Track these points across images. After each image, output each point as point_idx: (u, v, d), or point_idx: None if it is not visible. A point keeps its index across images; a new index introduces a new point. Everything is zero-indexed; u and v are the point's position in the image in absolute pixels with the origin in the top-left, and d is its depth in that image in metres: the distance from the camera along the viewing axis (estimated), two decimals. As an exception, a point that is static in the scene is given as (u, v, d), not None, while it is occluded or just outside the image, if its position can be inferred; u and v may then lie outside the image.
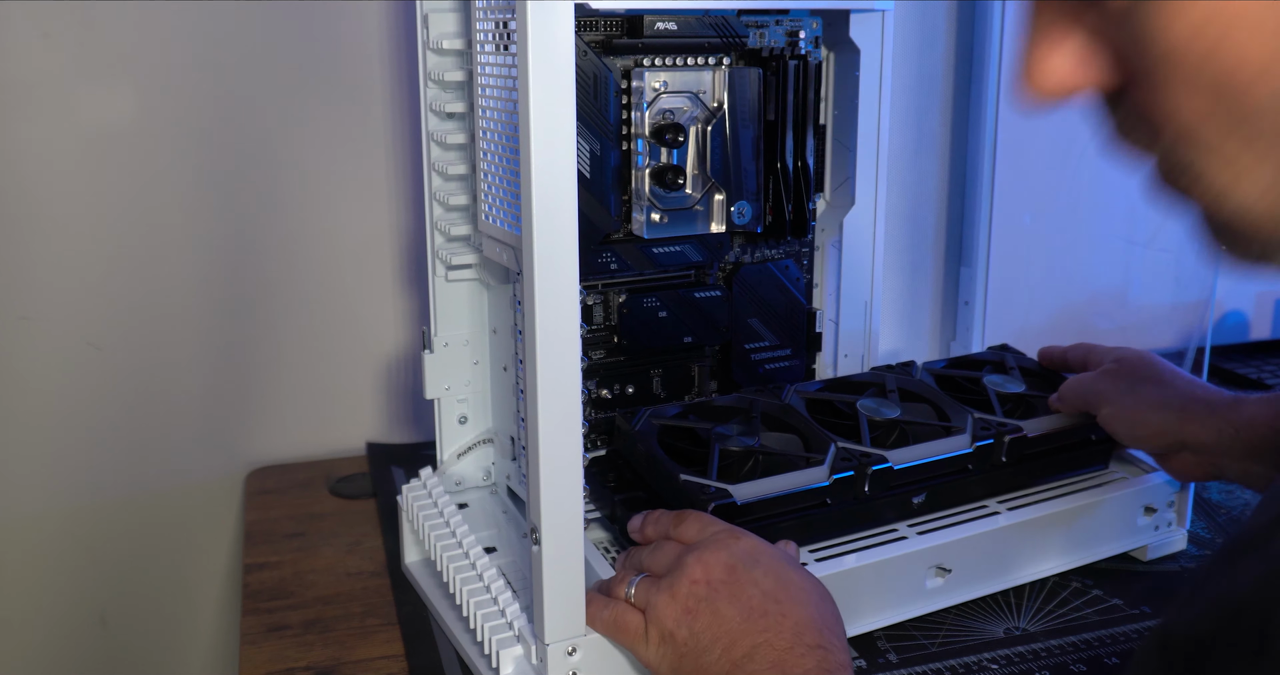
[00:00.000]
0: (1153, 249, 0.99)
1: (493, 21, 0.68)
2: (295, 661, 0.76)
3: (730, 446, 0.75)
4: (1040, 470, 0.83)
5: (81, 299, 1.03)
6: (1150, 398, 0.78)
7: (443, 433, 0.85)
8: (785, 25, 0.83)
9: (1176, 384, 0.78)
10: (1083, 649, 0.75)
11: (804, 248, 0.91)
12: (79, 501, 1.07)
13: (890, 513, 0.77)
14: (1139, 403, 0.78)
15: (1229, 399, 0.76)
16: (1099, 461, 0.86)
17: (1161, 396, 0.77)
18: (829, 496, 0.74)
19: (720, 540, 0.63)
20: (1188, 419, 0.76)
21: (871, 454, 0.75)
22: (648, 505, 0.73)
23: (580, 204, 0.60)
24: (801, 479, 0.73)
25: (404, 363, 1.14)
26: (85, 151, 1.00)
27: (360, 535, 0.93)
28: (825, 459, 0.74)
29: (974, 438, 0.79)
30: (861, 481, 0.74)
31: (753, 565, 0.61)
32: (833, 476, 0.73)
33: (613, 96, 0.76)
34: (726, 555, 0.62)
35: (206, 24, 1.00)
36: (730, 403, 0.82)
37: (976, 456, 0.79)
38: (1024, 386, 0.86)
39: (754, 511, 0.71)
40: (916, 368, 0.89)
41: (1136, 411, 0.78)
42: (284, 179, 1.06)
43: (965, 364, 0.91)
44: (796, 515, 0.73)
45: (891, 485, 0.76)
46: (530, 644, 0.66)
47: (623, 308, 0.83)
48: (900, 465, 0.76)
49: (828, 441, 0.76)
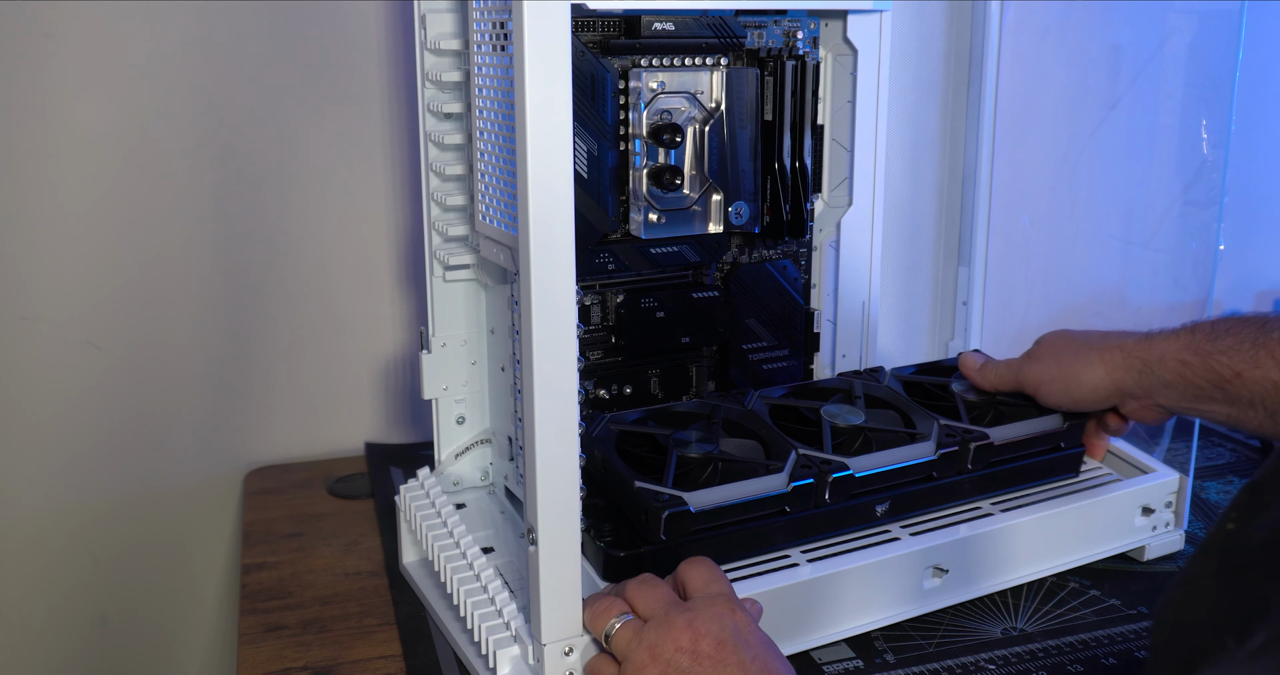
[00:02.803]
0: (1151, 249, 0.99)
1: (490, 22, 0.68)
2: (293, 661, 0.76)
3: (689, 453, 0.73)
4: (1007, 478, 0.81)
5: (81, 299, 1.03)
6: (1074, 360, 0.79)
7: (440, 433, 0.85)
8: (783, 26, 0.83)
9: (1092, 341, 0.80)
10: (1080, 649, 0.75)
11: (802, 248, 0.91)
12: (79, 501, 1.07)
13: (852, 521, 0.76)
14: (1065, 369, 0.79)
15: (1140, 338, 0.77)
16: (1069, 469, 0.84)
17: (1083, 356, 0.79)
18: (788, 504, 0.72)
19: (715, 611, 0.60)
20: (1110, 368, 0.77)
21: (833, 461, 0.74)
22: (605, 513, 0.72)
23: (577, 204, 0.60)
24: (760, 486, 0.71)
25: (402, 363, 1.14)
26: (85, 151, 1.00)
27: (358, 535, 0.94)
28: (785, 466, 0.73)
29: (939, 445, 0.77)
30: (822, 489, 0.73)
31: (743, 646, 0.58)
32: (792, 484, 0.72)
33: (610, 97, 0.76)
34: (718, 628, 0.59)
35: (206, 24, 1.00)
36: (692, 408, 0.81)
37: (941, 464, 0.77)
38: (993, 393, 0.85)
39: (710, 519, 0.70)
40: (885, 374, 0.88)
41: (1066, 377, 0.79)
42: (282, 179, 1.06)
43: (934, 370, 0.90)
44: (755, 523, 0.72)
45: (853, 493, 0.74)
46: (527, 644, 0.66)
47: (620, 308, 0.83)
48: (862, 473, 0.74)
49: (789, 448, 0.74)
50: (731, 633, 0.59)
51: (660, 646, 0.59)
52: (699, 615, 0.60)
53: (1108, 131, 0.99)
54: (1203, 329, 0.74)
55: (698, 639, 0.58)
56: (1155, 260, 0.98)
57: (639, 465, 0.73)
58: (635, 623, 0.62)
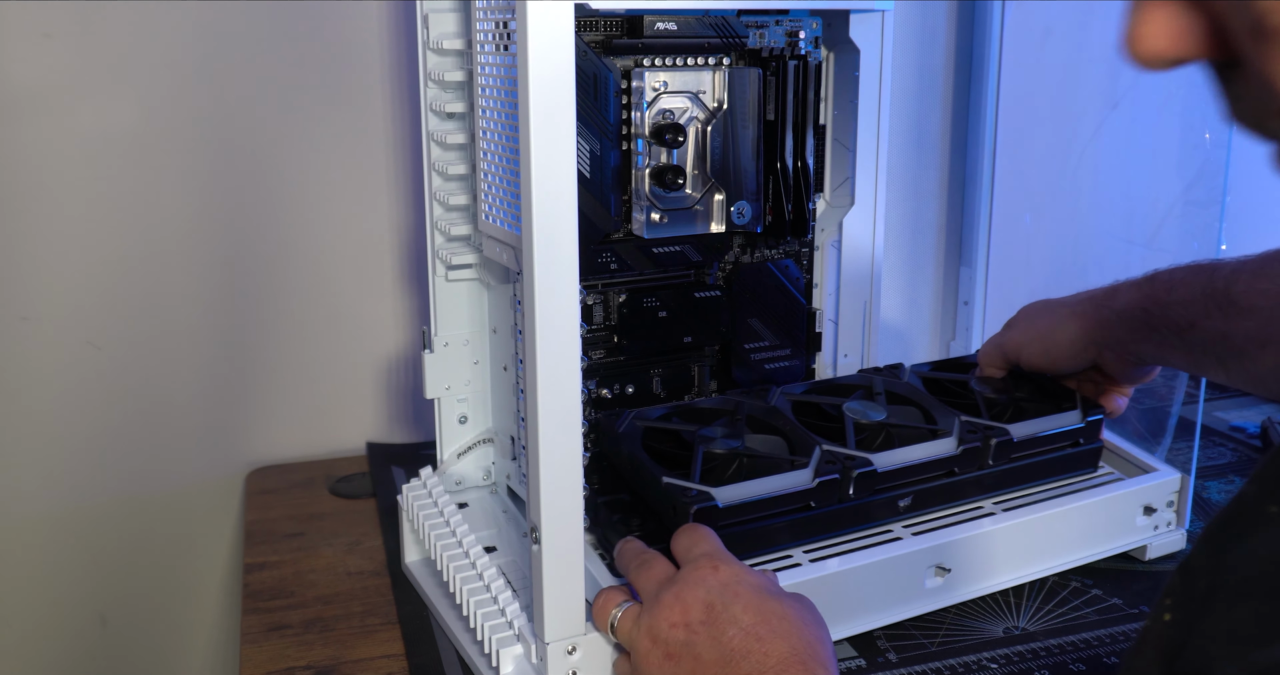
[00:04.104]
0: (1153, 249, 0.99)
1: (493, 21, 0.68)
2: (296, 661, 0.76)
3: (714, 449, 0.74)
4: (1027, 474, 0.82)
5: (81, 299, 1.03)
6: (1049, 320, 0.82)
7: (443, 432, 0.85)
8: (785, 25, 0.83)
9: (1066, 302, 0.82)
10: (1082, 648, 0.75)
11: (804, 248, 0.91)
12: (79, 502, 1.07)
13: (875, 515, 0.77)
14: (1042, 329, 0.82)
15: (1107, 290, 0.79)
16: (1087, 465, 0.85)
17: (1057, 314, 0.82)
18: (813, 499, 0.73)
19: (698, 575, 0.61)
20: (1084, 322, 0.79)
21: (856, 457, 0.75)
22: (631, 508, 0.73)
23: (580, 204, 0.60)
24: (785, 482, 0.72)
25: (404, 362, 1.14)
26: (85, 152, 1.00)
27: (360, 535, 0.93)
28: (810, 462, 0.74)
29: (960, 441, 0.78)
30: (846, 484, 0.74)
31: (731, 600, 0.59)
32: (817, 479, 0.73)
33: (613, 96, 0.76)
34: (704, 592, 0.59)
35: (207, 24, 1.00)
36: (715, 405, 0.82)
37: (962, 459, 0.78)
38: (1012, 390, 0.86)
39: (737, 514, 0.71)
40: (904, 370, 0.89)
41: (1044, 337, 0.82)
42: (284, 179, 1.06)
43: (954, 367, 0.91)
44: (780, 518, 0.73)
45: (876, 488, 0.75)
46: (530, 643, 0.66)
47: (622, 307, 0.83)
48: (885, 468, 0.75)
49: (812, 444, 0.75)
50: (717, 593, 0.59)
51: (656, 627, 0.59)
52: (684, 586, 0.60)
53: (1109, 131, 0.99)
54: (1161, 278, 0.76)
55: (687, 610, 0.59)
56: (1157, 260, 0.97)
57: (664, 461, 0.74)
58: (634, 608, 0.62)
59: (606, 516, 0.73)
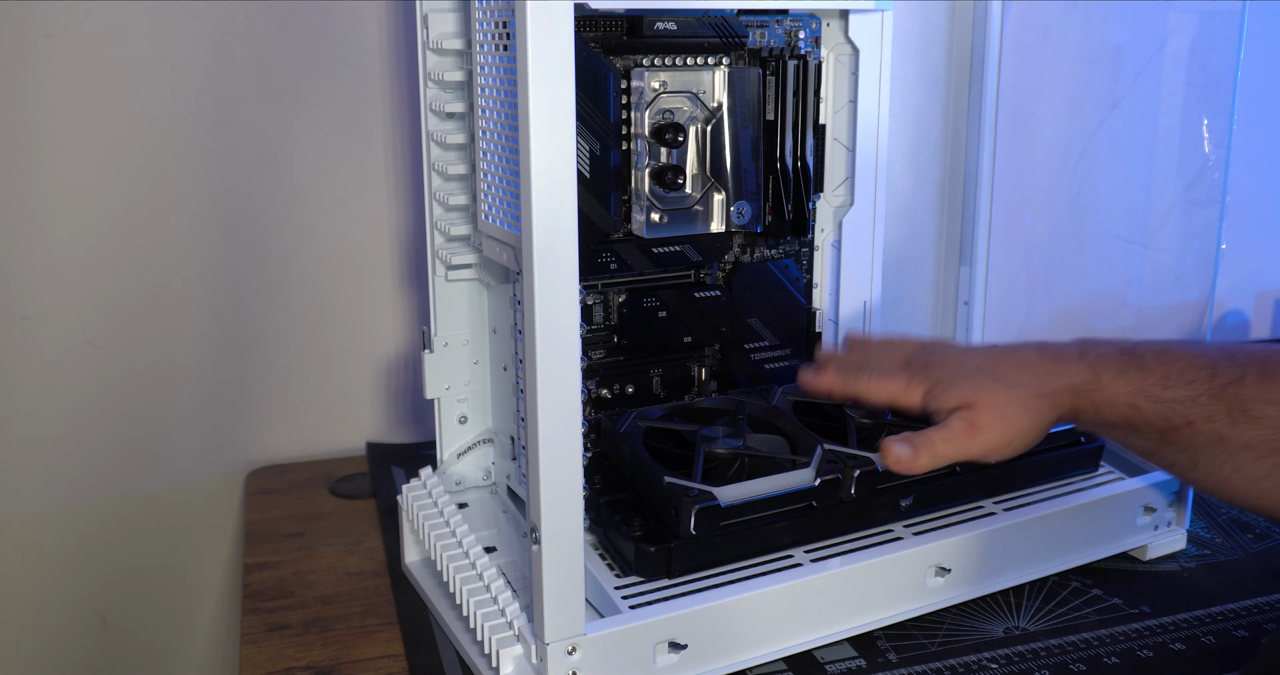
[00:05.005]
0: (1153, 248, 0.99)
1: (492, 21, 0.68)
2: (295, 661, 0.76)
3: (716, 449, 0.75)
4: (1028, 473, 0.83)
5: (81, 299, 1.03)
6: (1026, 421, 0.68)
7: (443, 432, 0.85)
8: (785, 25, 0.83)
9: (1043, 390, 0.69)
10: (1082, 648, 0.75)
11: (803, 247, 0.91)
12: (79, 501, 1.07)
13: (877, 515, 0.77)
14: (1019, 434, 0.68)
15: (1088, 377, 0.68)
16: (1089, 464, 0.86)
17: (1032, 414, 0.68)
18: (814, 499, 0.74)
19: None
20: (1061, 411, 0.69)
21: (858, 456, 0.75)
22: (633, 508, 0.73)
23: (580, 204, 0.60)
24: (787, 481, 0.73)
25: (404, 362, 1.14)
26: (86, 151, 1.00)
27: (360, 535, 0.93)
28: (811, 461, 0.74)
29: None
30: (847, 484, 0.74)
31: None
32: (818, 479, 0.73)
33: (612, 96, 0.76)
34: None
35: (207, 24, 1.00)
36: (716, 404, 0.82)
37: None
38: None
39: (739, 514, 0.71)
40: None
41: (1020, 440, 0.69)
42: (284, 179, 1.06)
43: None
44: (781, 518, 0.73)
45: (877, 488, 0.75)
46: (530, 643, 0.66)
47: (622, 307, 0.83)
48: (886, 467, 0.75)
49: (814, 444, 0.76)
50: None
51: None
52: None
53: (1109, 131, 0.99)
54: (1155, 373, 0.67)
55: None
56: (1157, 260, 0.98)
57: (666, 461, 0.74)
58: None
59: (608, 516, 0.73)
